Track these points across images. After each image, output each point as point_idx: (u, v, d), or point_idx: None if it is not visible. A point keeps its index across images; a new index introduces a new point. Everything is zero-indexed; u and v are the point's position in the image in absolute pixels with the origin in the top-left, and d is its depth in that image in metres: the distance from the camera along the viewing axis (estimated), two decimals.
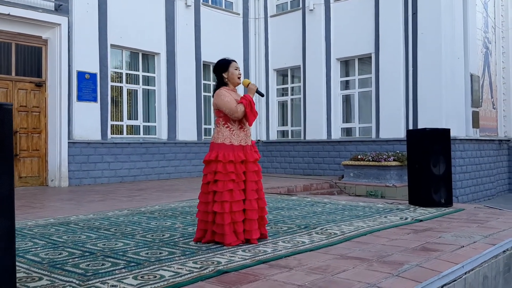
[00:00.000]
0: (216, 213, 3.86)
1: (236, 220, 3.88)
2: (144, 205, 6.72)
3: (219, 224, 3.86)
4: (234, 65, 4.11)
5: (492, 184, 12.75)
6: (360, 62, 12.97)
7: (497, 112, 13.92)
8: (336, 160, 12.77)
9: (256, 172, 4.03)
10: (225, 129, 4.00)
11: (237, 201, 3.89)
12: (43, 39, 10.23)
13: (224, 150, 3.92)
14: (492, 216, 5.63)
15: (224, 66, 4.10)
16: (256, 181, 4.02)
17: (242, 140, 4.01)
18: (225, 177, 3.86)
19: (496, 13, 13.98)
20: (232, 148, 3.94)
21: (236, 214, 3.88)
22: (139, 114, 12.07)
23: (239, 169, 3.92)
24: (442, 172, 6.44)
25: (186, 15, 12.82)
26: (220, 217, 3.84)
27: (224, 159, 3.89)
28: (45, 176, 10.28)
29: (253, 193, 3.97)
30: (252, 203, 3.94)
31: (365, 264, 3.32)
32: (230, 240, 3.85)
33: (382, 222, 5.17)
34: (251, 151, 4.06)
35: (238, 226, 3.90)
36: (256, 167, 4.05)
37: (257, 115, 4.05)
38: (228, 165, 3.88)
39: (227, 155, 3.90)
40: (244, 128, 4.06)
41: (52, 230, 4.74)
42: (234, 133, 3.99)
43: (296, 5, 14.22)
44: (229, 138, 3.97)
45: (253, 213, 3.95)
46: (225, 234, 3.84)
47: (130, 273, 3.07)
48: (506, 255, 4.05)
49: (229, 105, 3.93)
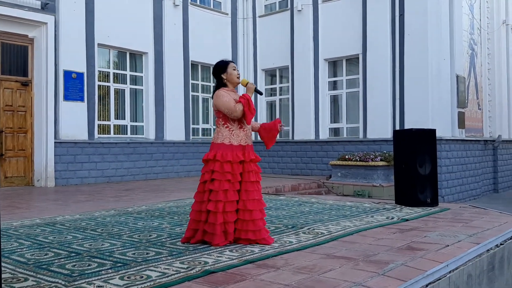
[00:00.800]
0: (210, 212, 3.87)
1: (228, 220, 3.88)
2: (131, 205, 6.69)
3: (210, 223, 3.86)
4: (232, 65, 4.15)
5: (477, 184, 12.91)
6: (347, 63, 13.04)
7: (483, 112, 14.09)
8: (324, 160, 12.83)
9: (253, 173, 4.02)
10: (224, 129, 4.02)
11: (231, 202, 3.89)
12: (29, 38, 10.13)
13: (223, 150, 3.94)
14: (477, 215, 5.71)
15: (223, 67, 4.13)
16: (253, 182, 4.00)
17: (242, 140, 4.03)
18: (222, 176, 3.87)
19: (482, 15, 14.15)
20: (231, 148, 3.95)
21: (229, 215, 3.88)
22: (126, 113, 12.01)
23: (236, 169, 3.93)
24: (428, 172, 6.51)
25: (174, 15, 12.78)
26: (213, 216, 3.85)
27: (222, 158, 3.90)
28: (31, 176, 10.18)
29: (253, 193, 3.96)
30: (246, 204, 3.93)
31: (351, 264, 3.34)
32: (219, 240, 3.85)
33: (369, 221, 5.21)
34: (251, 151, 4.07)
35: (229, 226, 3.91)
36: (254, 167, 4.04)
37: (254, 112, 4.08)
38: (226, 165, 3.89)
39: (225, 155, 3.91)
40: (244, 128, 4.07)
41: (38, 230, 4.70)
42: (234, 133, 4.00)
43: (284, 5, 14.25)
44: (229, 138, 3.98)
45: (250, 214, 3.94)
46: (215, 234, 3.84)
47: (116, 273, 3.06)
48: (490, 254, 4.11)
49: (228, 104, 3.95)
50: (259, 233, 3.98)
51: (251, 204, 3.95)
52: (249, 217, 3.93)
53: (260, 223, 4.00)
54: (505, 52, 15.43)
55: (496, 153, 14.27)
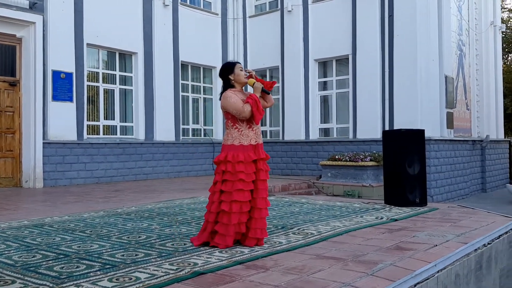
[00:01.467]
0: (222, 212, 3.85)
1: (242, 221, 3.88)
2: (120, 206, 6.65)
3: (223, 224, 3.84)
4: (239, 66, 4.15)
5: (466, 183, 13.02)
6: (337, 63, 13.09)
7: (471, 113, 14.21)
8: (314, 160, 12.86)
9: (264, 171, 4.04)
10: (234, 130, 4.01)
11: (245, 202, 3.89)
12: (17, 38, 10.03)
13: (234, 151, 3.93)
14: (465, 215, 5.76)
15: (230, 68, 4.14)
16: (263, 180, 4.03)
17: (252, 140, 4.02)
18: (234, 177, 3.86)
19: (470, 16, 14.27)
20: (242, 149, 3.94)
21: (243, 215, 3.89)
22: (116, 114, 11.94)
23: (250, 169, 3.92)
24: (417, 172, 6.56)
25: (164, 15, 12.73)
26: (227, 217, 3.83)
27: (233, 159, 3.89)
28: (19, 177, 10.08)
29: (262, 191, 3.99)
30: (256, 201, 3.95)
31: (341, 264, 3.36)
32: (230, 242, 3.84)
33: (358, 221, 5.24)
34: (262, 150, 4.07)
35: (242, 226, 3.91)
36: (264, 166, 4.06)
37: (263, 113, 4.05)
38: (238, 165, 3.88)
39: (237, 155, 3.91)
40: (253, 127, 4.05)
41: (25, 232, 4.66)
42: (243, 133, 3.99)
43: (275, 6, 14.26)
44: (238, 139, 3.98)
45: (259, 212, 3.96)
46: (228, 235, 3.83)
47: (105, 275, 3.05)
48: (478, 253, 4.15)
49: (236, 105, 3.95)
50: (265, 231, 4.04)
51: (260, 202, 3.98)
52: (259, 215, 3.96)
53: (265, 221, 4.05)
54: (493, 53, 15.59)
55: (484, 153, 14.40)
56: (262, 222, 3.99)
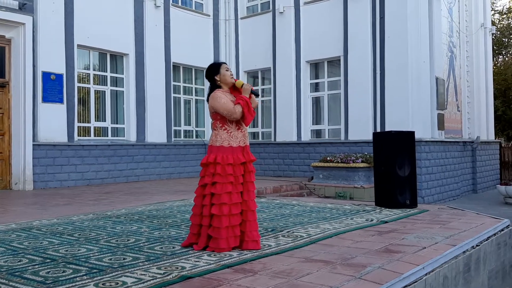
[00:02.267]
0: (214, 216, 3.83)
1: (233, 223, 3.85)
2: (110, 209, 6.61)
3: (215, 228, 3.81)
4: (225, 66, 4.11)
5: (456, 184, 13.08)
6: (329, 65, 13.11)
7: (462, 114, 14.29)
8: (306, 162, 12.87)
9: (253, 173, 4.04)
10: (222, 131, 3.97)
11: (235, 204, 3.87)
12: (6, 39, 9.95)
13: (223, 153, 3.90)
14: (455, 217, 5.78)
15: (215, 69, 4.10)
16: (253, 182, 4.03)
17: (241, 141, 4.00)
18: (224, 179, 3.84)
19: (461, 18, 14.35)
20: (232, 150, 3.92)
21: (234, 217, 3.86)
22: (107, 115, 11.88)
23: (238, 171, 3.91)
24: (407, 174, 6.57)
25: (155, 16, 12.69)
26: (218, 220, 3.80)
27: (223, 161, 3.86)
28: (9, 179, 10.00)
29: (250, 193, 3.98)
30: (248, 204, 3.94)
31: (329, 267, 3.35)
32: (224, 245, 3.81)
33: (348, 224, 5.24)
34: (249, 152, 4.06)
35: (235, 229, 3.88)
36: (252, 167, 4.06)
37: (254, 115, 4.04)
38: (227, 168, 3.86)
39: (226, 157, 3.88)
40: (242, 129, 4.03)
41: (13, 236, 4.61)
42: (232, 135, 3.97)
43: (266, 7, 14.26)
44: (228, 140, 3.94)
45: (253, 214, 3.96)
46: (221, 238, 3.79)
47: (91, 280, 3.02)
48: (466, 255, 4.16)
49: (226, 106, 3.91)
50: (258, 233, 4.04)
51: (253, 204, 3.98)
52: (252, 217, 3.96)
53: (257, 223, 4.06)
54: (483, 55, 15.69)
55: (474, 154, 14.49)
56: (256, 224, 4.01)
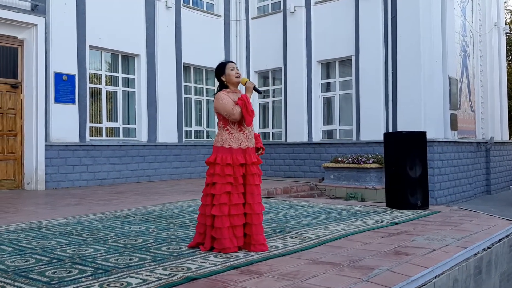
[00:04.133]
0: (215, 216, 3.81)
1: (234, 224, 3.83)
2: (120, 209, 6.63)
3: (217, 228, 3.80)
4: (230, 66, 4.07)
5: (470, 185, 12.90)
6: (340, 65, 13.03)
7: (475, 114, 14.11)
8: (317, 162, 12.80)
9: (257, 175, 3.98)
10: (224, 132, 3.97)
11: (236, 205, 3.84)
12: (18, 40, 10.05)
13: (222, 153, 3.90)
14: (467, 218, 5.68)
15: (221, 69, 4.08)
16: (257, 185, 3.97)
17: (242, 143, 3.96)
18: (223, 179, 3.83)
19: (474, 17, 14.17)
20: (231, 151, 3.90)
21: (235, 218, 3.83)
22: (118, 116, 11.94)
23: (237, 172, 3.87)
24: (418, 175, 6.48)
25: (166, 17, 12.73)
26: (219, 221, 3.79)
27: (222, 162, 3.86)
28: (21, 179, 10.09)
29: (254, 196, 3.92)
30: (253, 207, 3.89)
31: (336, 269, 3.31)
32: (228, 244, 3.78)
33: (358, 225, 5.18)
34: (253, 154, 4.00)
35: (237, 230, 3.85)
36: (257, 170, 4.00)
37: (253, 115, 3.99)
38: (226, 168, 3.84)
39: (225, 158, 3.87)
40: (245, 131, 3.99)
41: (22, 236, 4.64)
42: (234, 136, 3.95)
43: (277, 7, 14.22)
44: (228, 141, 3.93)
45: (258, 217, 3.91)
46: (223, 238, 3.77)
47: (96, 280, 3.01)
48: (477, 258, 4.08)
49: (226, 107, 3.89)
50: (263, 236, 4.01)
51: (257, 207, 3.93)
52: (257, 220, 3.92)
53: (262, 226, 4.03)
54: (497, 54, 15.47)
55: (488, 154, 14.28)
56: (261, 227, 3.98)
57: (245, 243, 3.92)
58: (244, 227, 3.91)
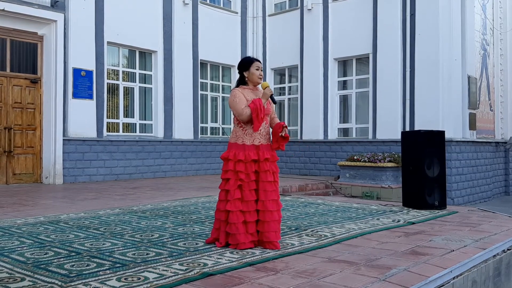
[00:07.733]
0: (230, 211, 3.82)
1: (247, 220, 3.82)
2: (136, 204, 6.68)
3: (232, 224, 3.80)
4: (256, 64, 4.03)
5: (488, 186, 12.72)
6: (358, 63, 12.94)
7: (494, 114, 13.89)
8: (332, 161, 12.74)
9: (270, 172, 3.91)
10: (238, 128, 3.97)
11: (247, 201, 3.83)
12: (38, 35, 10.18)
13: (235, 150, 3.90)
14: (485, 219, 5.60)
15: (246, 65, 4.05)
16: (271, 181, 3.90)
17: (256, 140, 3.94)
18: (235, 175, 3.84)
19: (495, 15, 13.93)
20: (244, 148, 3.89)
21: (247, 214, 3.82)
22: (135, 112, 12.03)
23: (249, 168, 3.85)
24: (436, 174, 6.41)
25: (183, 13, 12.77)
26: (234, 216, 3.79)
27: (234, 158, 3.87)
28: (40, 173, 10.24)
29: (272, 193, 3.89)
30: (265, 204, 3.85)
31: (353, 268, 3.29)
32: (243, 239, 3.77)
33: (374, 224, 5.14)
34: (267, 151, 3.94)
35: (249, 227, 3.84)
36: (270, 166, 3.92)
37: (262, 122, 3.89)
38: (238, 164, 3.84)
39: (238, 154, 3.87)
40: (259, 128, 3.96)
41: (41, 228, 4.70)
42: (247, 133, 3.94)
43: (294, 4, 14.17)
44: (242, 138, 3.93)
45: (271, 214, 3.86)
46: (238, 233, 3.77)
47: (114, 274, 3.04)
48: (497, 259, 4.02)
49: (237, 106, 3.89)
50: (279, 234, 3.96)
51: (271, 204, 3.87)
52: (270, 218, 3.87)
53: (278, 224, 3.96)
54: None
55: (507, 155, 14.07)
56: (274, 225, 3.89)
57: (259, 240, 3.90)
58: (257, 224, 3.89)
